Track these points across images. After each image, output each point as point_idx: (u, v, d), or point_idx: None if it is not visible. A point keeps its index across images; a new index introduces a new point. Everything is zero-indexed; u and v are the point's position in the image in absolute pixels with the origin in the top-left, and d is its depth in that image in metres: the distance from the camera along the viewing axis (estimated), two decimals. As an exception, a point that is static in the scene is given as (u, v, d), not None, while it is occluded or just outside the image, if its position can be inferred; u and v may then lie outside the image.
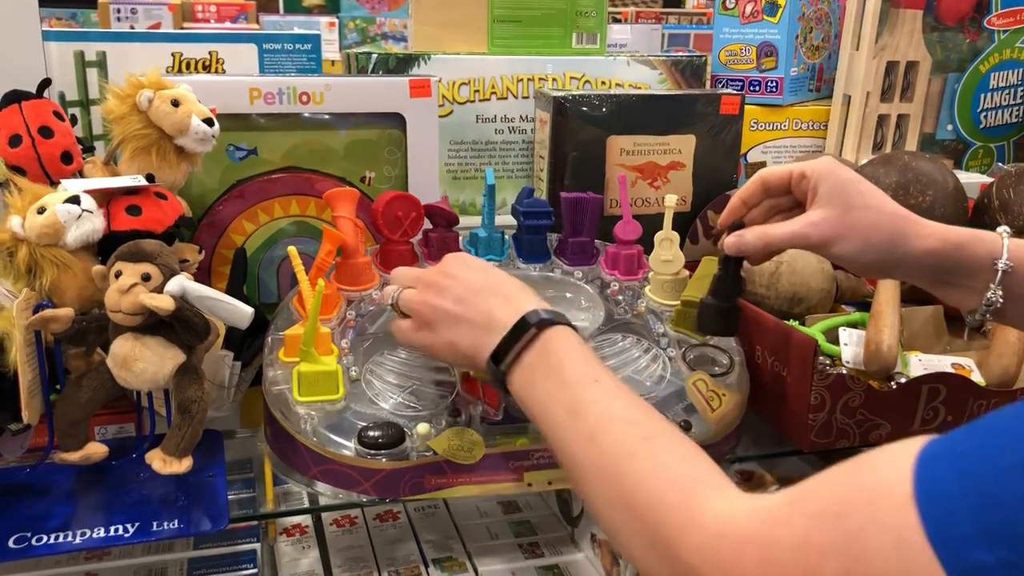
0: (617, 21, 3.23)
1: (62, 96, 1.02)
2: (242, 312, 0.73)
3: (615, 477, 0.56)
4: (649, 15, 3.69)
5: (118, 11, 2.84)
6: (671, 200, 0.92)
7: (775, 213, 0.82)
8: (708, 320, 0.82)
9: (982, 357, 0.93)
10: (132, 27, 2.80)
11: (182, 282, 0.72)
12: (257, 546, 0.89)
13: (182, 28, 2.89)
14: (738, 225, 0.80)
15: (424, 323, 0.73)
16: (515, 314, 0.68)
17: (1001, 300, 0.71)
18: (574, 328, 0.68)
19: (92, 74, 1.04)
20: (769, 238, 0.77)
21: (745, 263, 0.81)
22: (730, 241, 0.79)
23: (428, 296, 0.73)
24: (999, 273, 0.71)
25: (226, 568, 0.86)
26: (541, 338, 0.66)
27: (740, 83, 1.32)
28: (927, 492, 0.40)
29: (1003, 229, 0.73)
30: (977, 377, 0.90)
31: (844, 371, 0.84)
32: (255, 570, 0.85)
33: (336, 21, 3.62)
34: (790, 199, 0.81)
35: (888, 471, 0.42)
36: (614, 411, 0.60)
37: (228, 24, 3.15)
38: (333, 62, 2.06)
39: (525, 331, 0.66)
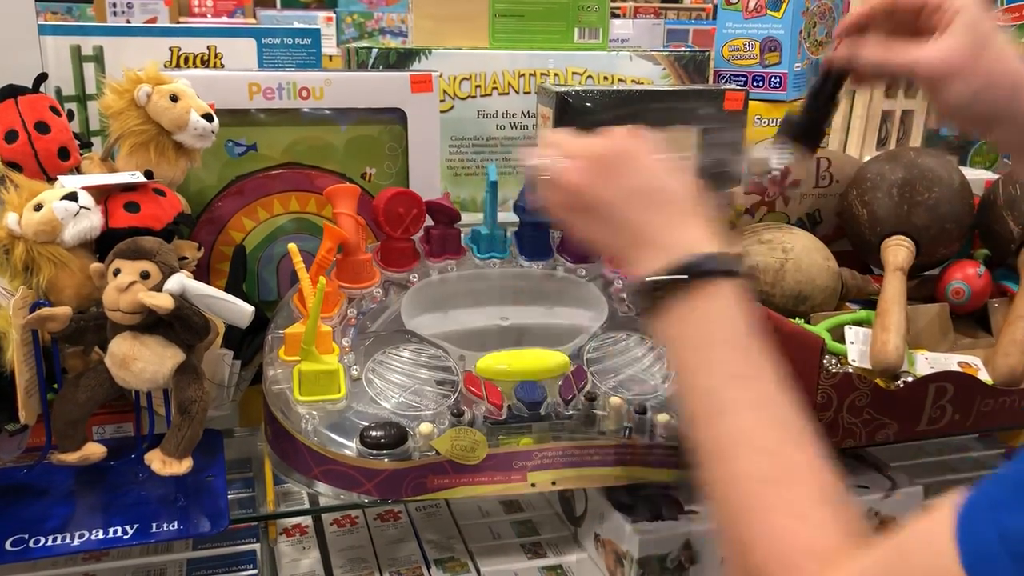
0: (616, 16, 3.22)
1: (58, 91, 1.01)
2: (242, 310, 0.73)
3: (727, 501, 0.54)
4: (648, 10, 3.69)
5: (114, 5, 2.83)
6: (675, 197, 0.91)
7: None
8: (790, 126, 0.77)
9: (989, 355, 0.92)
10: (128, 21, 2.79)
11: (181, 280, 0.71)
12: (257, 546, 0.87)
13: (179, 23, 2.88)
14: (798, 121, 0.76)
15: (581, 208, 0.65)
16: (690, 246, 0.60)
17: None
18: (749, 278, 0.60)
19: (89, 69, 1.03)
20: (890, 55, 0.71)
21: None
22: (840, 53, 0.73)
23: (596, 180, 0.65)
24: None
25: (226, 569, 0.85)
26: (706, 291, 0.59)
27: (743, 78, 1.31)
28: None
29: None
30: (984, 376, 0.89)
31: (850, 370, 0.83)
32: (255, 571, 0.84)
33: (333, 16, 3.62)
34: (910, 30, 0.73)
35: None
36: (751, 432, 0.55)
37: (225, 19, 3.14)
38: (331, 57, 2.06)
39: (692, 275, 0.59)
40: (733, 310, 0.60)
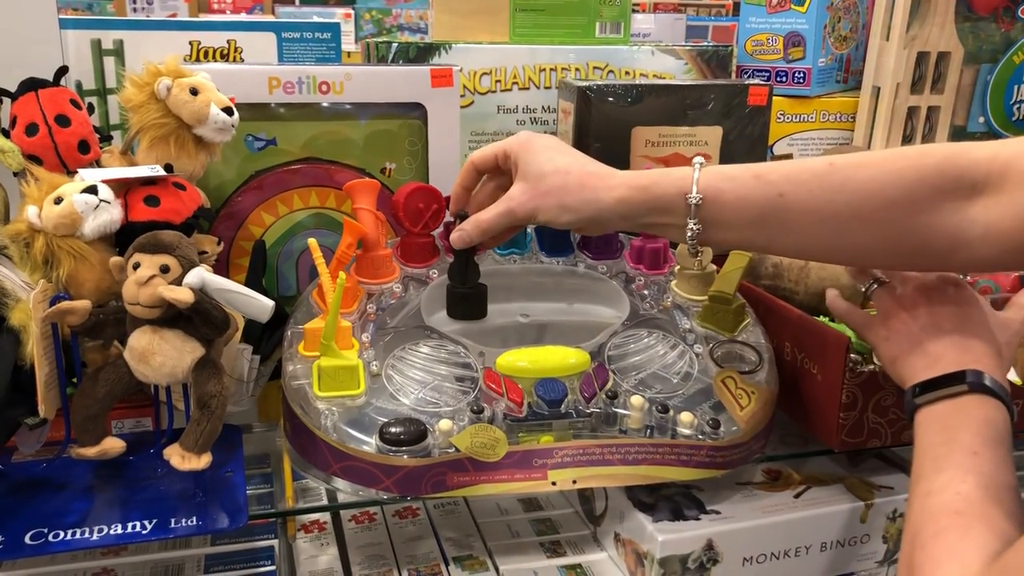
0: (636, 11, 3.21)
1: (79, 85, 1.01)
2: (263, 305, 0.72)
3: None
4: (668, 6, 3.67)
5: (134, 2, 2.84)
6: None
7: (501, 191, 0.82)
8: (455, 306, 0.86)
9: (1018, 355, 0.90)
10: (148, 17, 2.80)
11: (201, 274, 0.71)
12: (275, 542, 0.87)
13: (198, 18, 2.89)
14: (462, 216, 0.84)
15: (888, 326, 0.76)
16: (962, 364, 0.69)
17: (697, 230, 0.72)
18: (1010, 412, 0.68)
19: (109, 63, 1.03)
20: (483, 224, 0.80)
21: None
22: (454, 237, 0.83)
23: (904, 309, 0.76)
24: (692, 207, 0.71)
25: (243, 564, 0.85)
26: (965, 398, 0.67)
27: (767, 73, 1.30)
28: None
29: (698, 160, 0.73)
30: (1013, 376, 0.88)
31: (876, 369, 0.82)
32: (273, 567, 0.84)
33: (352, 12, 3.62)
34: (509, 177, 0.82)
35: None
36: (939, 516, 0.60)
37: (244, 15, 3.15)
38: (349, 53, 2.05)
39: (958, 383, 0.68)
40: (992, 420, 0.67)
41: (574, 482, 0.78)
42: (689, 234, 0.72)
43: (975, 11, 1.28)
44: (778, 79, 1.29)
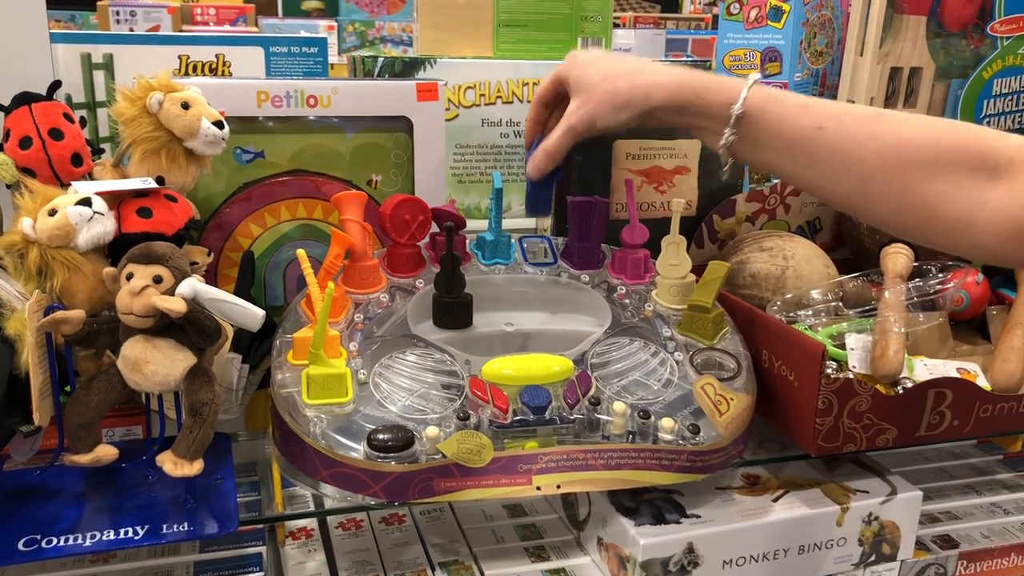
0: (617, 26, 3.24)
1: (69, 98, 1.02)
2: (254, 314, 0.74)
3: None
4: (647, 20, 3.70)
5: (117, 13, 2.84)
6: (678, 204, 0.93)
7: None
8: (441, 315, 0.90)
9: (987, 362, 0.93)
10: (131, 29, 2.80)
11: (194, 284, 0.72)
12: (263, 549, 0.88)
13: (181, 31, 2.89)
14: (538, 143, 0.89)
15: None
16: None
17: (733, 138, 0.76)
18: None
19: (99, 76, 1.04)
20: (550, 149, 0.86)
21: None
22: (529, 167, 0.88)
23: None
24: (732, 117, 0.75)
25: (232, 571, 0.86)
26: None
27: (744, 88, 1.33)
28: None
29: (755, 75, 0.76)
30: (982, 382, 0.90)
31: (851, 376, 0.84)
32: (261, 573, 0.85)
33: (335, 25, 3.63)
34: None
35: None
36: None
37: (228, 27, 3.15)
38: (333, 65, 2.06)
39: None
40: None
41: (558, 487, 0.79)
42: (723, 141, 0.75)
43: (946, 28, 1.31)
44: (756, 93, 1.32)
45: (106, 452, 0.76)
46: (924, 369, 0.91)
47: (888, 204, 0.70)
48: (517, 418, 0.79)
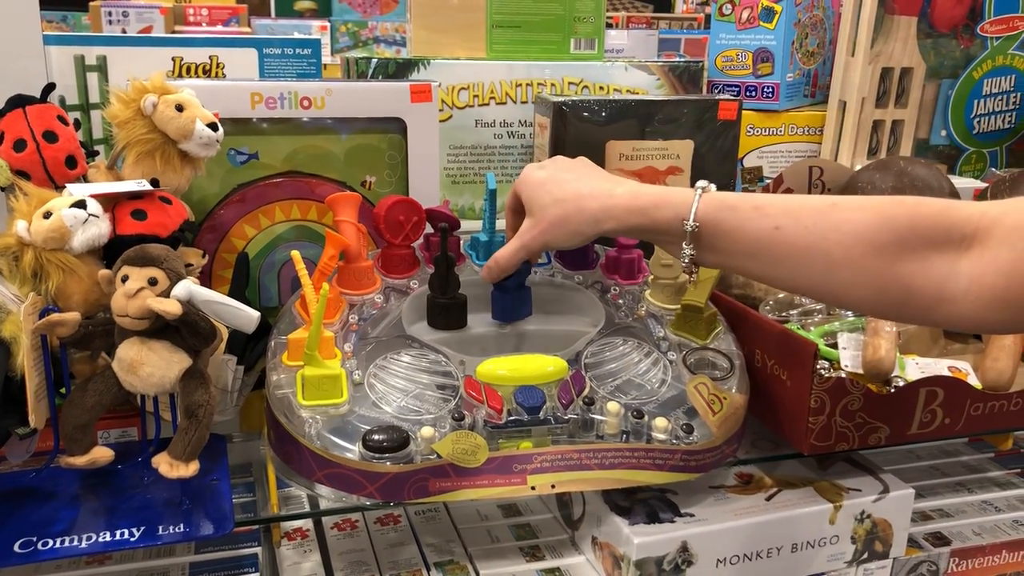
0: (609, 27, 3.24)
1: (62, 100, 1.02)
2: (249, 316, 0.74)
3: None
4: (640, 20, 3.71)
5: (109, 14, 2.83)
6: (671, 205, 0.93)
7: None
8: (435, 316, 0.91)
9: (978, 361, 0.94)
10: (124, 30, 2.80)
11: (189, 286, 0.72)
12: (258, 550, 0.88)
13: (174, 31, 2.89)
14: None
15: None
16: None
17: (692, 254, 0.75)
18: None
19: (92, 78, 1.04)
20: (502, 262, 0.86)
21: None
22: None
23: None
24: (688, 233, 0.74)
25: (228, 572, 0.86)
26: None
27: (737, 88, 1.33)
28: None
29: (701, 184, 0.75)
30: (973, 380, 0.91)
31: (843, 375, 0.85)
32: (257, 574, 0.85)
33: (328, 25, 3.63)
34: None
35: None
36: None
37: (221, 27, 3.15)
38: (326, 66, 2.07)
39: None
40: None
41: (553, 486, 0.80)
42: (684, 259, 0.75)
43: (936, 28, 1.32)
44: (748, 94, 1.33)
45: (102, 454, 0.76)
46: (915, 368, 0.91)
47: (861, 291, 0.69)
48: (512, 418, 0.80)
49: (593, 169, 0.85)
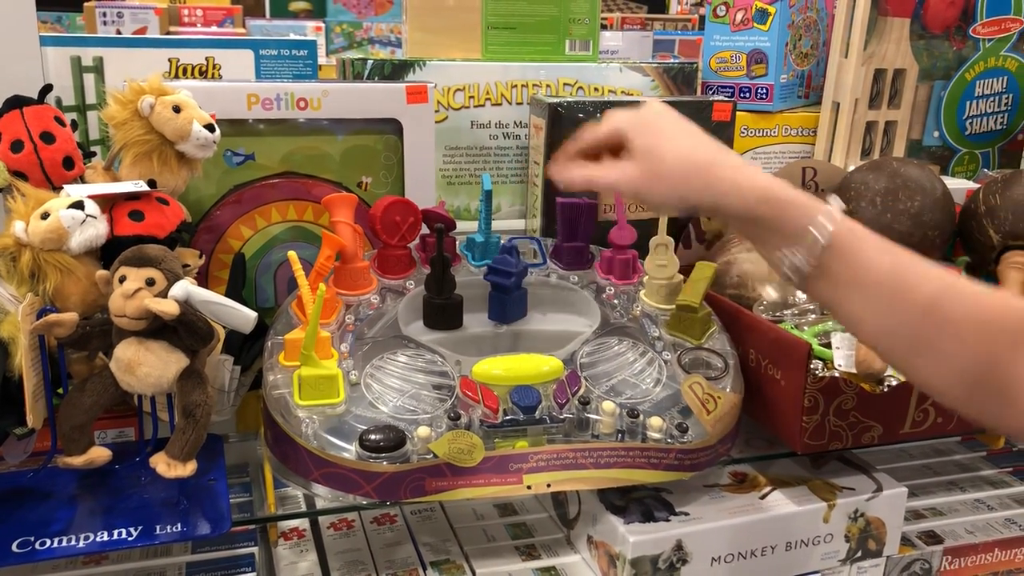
0: (604, 28, 3.25)
1: (59, 101, 1.02)
2: (246, 316, 0.74)
3: None
4: (635, 21, 3.72)
5: (104, 15, 2.83)
6: (666, 206, 0.93)
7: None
8: (431, 316, 0.91)
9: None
10: (119, 31, 2.80)
11: (186, 287, 0.73)
12: (255, 550, 0.89)
13: (168, 32, 2.89)
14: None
15: None
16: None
17: (810, 264, 0.66)
18: None
19: (89, 79, 1.04)
20: (592, 180, 0.75)
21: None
22: (556, 173, 0.77)
23: None
24: (814, 244, 0.65)
25: (224, 571, 0.86)
26: None
27: (731, 90, 1.34)
28: None
29: (833, 199, 0.68)
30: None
31: (836, 374, 0.86)
32: (253, 573, 0.86)
33: (323, 26, 3.63)
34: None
35: None
36: None
37: (215, 28, 3.15)
38: (321, 67, 2.07)
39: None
40: None
41: (548, 485, 0.80)
42: (797, 265, 0.66)
43: (929, 30, 1.33)
44: (742, 95, 1.33)
45: (100, 454, 0.76)
46: (908, 367, 0.92)
47: (956, 364, 0.63)
48: (507, 418, 0.80)
49: (706, 135, 0.74)
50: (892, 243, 0.67)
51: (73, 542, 0.71)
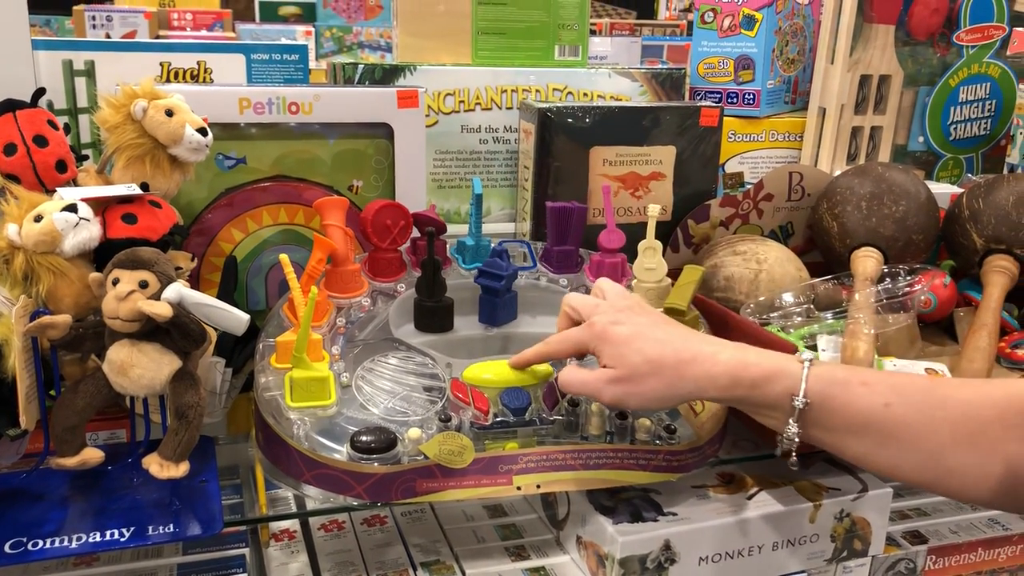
0: (593, 33, 3.26)
1: (50, 104, 1.03)
2: (239, 318, 0.75)
3: None
4: (623, 26, 3.73)
5: (93, 18, 2.83)
6: (654, 210, 0.94)
7: None
8: (422, 319, 0.92)
9: (954, 362, 0.96)
10: (108, 34, 2.80)
11: (179, 289, 0.73)
12: (246, 551, 0.89)
13: (158, 36, 2.89)
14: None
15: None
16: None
17: (799, 432, 0.71)
18: None
19: (80, 83, 1.05)
20: (566, 381, 0.78)
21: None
22: (513, 360, 0.83)
23: None
24: (796, 410, 0.70)
25: (216, 573, 0.86)
26: None
27: (718, 95, 1.35)
28: None
29: (806, 355, 0.72)
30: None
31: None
32: (244, 574, 0.86)
33: (312, 30, 3.63)
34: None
35: None
36: None
37: (205, 32, 3.15)
38: (311, 71, 2.08)
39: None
40: None
41: (538, 486, 0.81)
42: (789, 437, 0.71)
43: (914, 36, 1.35)
44: (729, 100, 1.34)
45: (92, 455, 0.77)
46: (893, 369, 0.93)
47: (967, 472, 0.66)
48: (498, 419, 0.81)
49: (676, 325, 0.78)
50: (873, 372, 0.71)
51: (66, 543, 0.72)
